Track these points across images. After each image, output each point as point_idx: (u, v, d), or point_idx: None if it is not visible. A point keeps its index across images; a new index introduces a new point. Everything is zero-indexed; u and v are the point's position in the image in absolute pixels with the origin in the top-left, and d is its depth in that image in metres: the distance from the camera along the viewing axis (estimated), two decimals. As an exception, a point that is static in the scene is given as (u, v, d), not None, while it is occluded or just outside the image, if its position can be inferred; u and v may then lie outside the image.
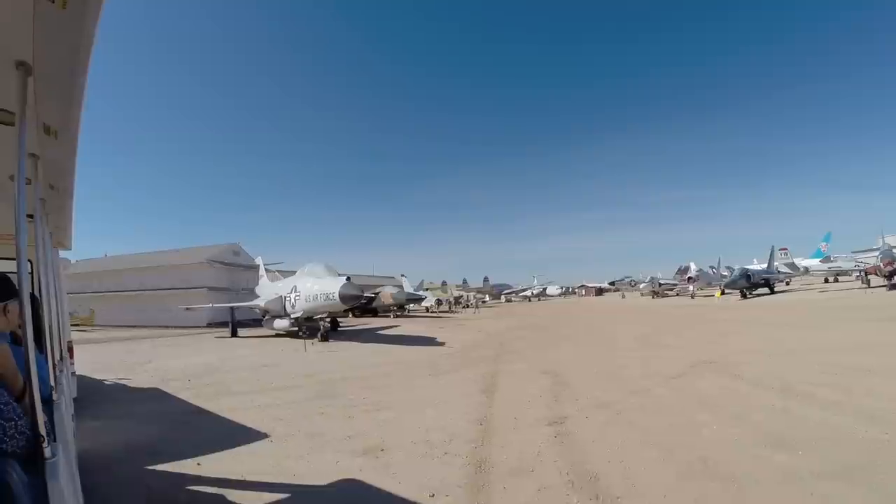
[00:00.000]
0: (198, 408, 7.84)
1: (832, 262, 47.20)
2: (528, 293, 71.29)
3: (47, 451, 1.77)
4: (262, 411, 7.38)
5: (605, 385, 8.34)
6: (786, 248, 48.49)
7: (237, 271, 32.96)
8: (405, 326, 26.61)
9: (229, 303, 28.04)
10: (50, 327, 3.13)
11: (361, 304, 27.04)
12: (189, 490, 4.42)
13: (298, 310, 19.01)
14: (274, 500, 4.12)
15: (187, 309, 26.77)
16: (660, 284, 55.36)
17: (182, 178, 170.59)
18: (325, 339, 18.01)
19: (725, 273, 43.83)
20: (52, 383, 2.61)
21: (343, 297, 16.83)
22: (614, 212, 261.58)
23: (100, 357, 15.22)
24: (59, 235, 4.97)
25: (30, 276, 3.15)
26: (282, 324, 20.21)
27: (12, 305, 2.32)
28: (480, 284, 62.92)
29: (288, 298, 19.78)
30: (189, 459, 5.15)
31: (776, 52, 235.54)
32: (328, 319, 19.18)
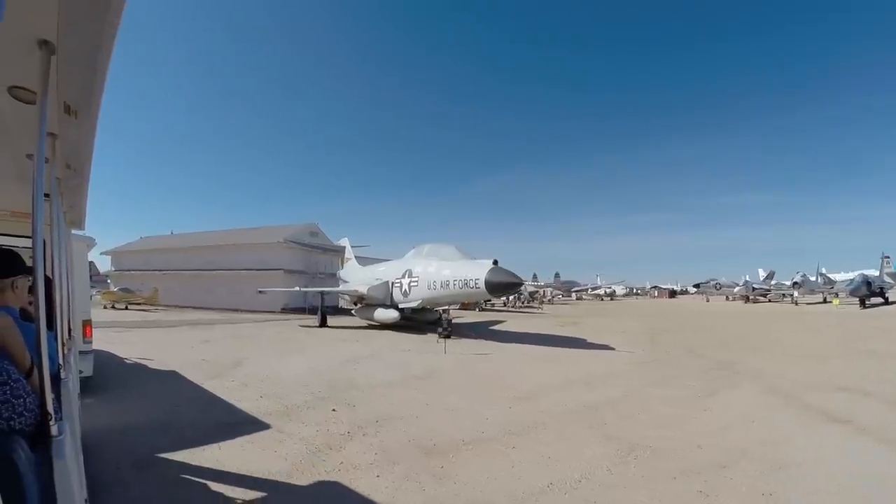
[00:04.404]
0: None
1: None
2: (601, 291, 66.04)
3: (54, 429, 1.70)
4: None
5: None
6: (888, 257, 44.54)
7: (314, 253, 30.21)
8: (512, 322, 22.79)
9: (305, 286, 25.19)
10: (60, 305, 3.16)
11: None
12: None
13: (414, 298, 15.46)
14: None
15: (260, 292, 24.11)
16: (753, 289, 50.47)
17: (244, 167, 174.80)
18: (447, 335, 14.18)
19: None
20: (60, 361, 2.58)
21: (491, 286, 12.93)
22: (673, 214, 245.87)
23: (166, 351, 11.54)
24: (74, 215, 4.64)
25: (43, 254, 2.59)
26: (387, 314, 16.74)
27: (21, 281, 2.25)
28: (550, 280, 58.04)
29: (398, 285, 16.22)
30: None
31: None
32: (448, 313, 15.30)
